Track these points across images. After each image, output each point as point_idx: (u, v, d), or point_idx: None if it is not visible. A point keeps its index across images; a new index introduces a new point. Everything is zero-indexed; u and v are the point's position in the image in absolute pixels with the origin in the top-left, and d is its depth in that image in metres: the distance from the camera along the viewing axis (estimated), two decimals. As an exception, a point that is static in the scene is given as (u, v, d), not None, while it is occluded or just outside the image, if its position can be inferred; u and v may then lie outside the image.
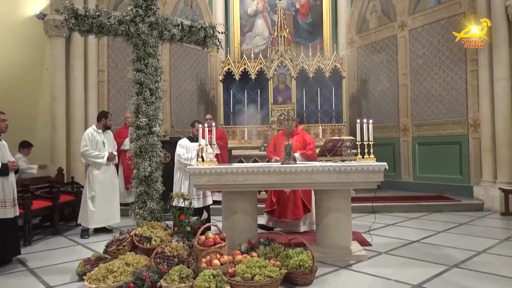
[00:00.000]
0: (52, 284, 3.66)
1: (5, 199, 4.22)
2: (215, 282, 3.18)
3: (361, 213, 6.61)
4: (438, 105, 8.46)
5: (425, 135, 8.76)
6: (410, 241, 4.97)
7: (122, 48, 8.21)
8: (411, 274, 3.70)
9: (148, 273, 3.38)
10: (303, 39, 10.49)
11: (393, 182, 8.97)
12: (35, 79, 7.31)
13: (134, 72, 4.50)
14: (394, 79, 9.37)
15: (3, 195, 4.20)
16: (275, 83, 9.67)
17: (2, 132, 4.39)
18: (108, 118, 5.94)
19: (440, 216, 6.61)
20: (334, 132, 9.30)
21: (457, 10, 8.00)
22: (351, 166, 4.17)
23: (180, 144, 5.67)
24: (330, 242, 4.31)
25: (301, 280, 3.48)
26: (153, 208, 4.49)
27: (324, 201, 4.39)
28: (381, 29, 9.67)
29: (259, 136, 9.31)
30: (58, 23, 7.19)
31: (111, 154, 5.77)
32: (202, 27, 4.95)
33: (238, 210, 4.38)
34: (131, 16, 4.49)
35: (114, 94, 8.55)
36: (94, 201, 5.57)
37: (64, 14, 4.31)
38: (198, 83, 10.35)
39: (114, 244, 4.12)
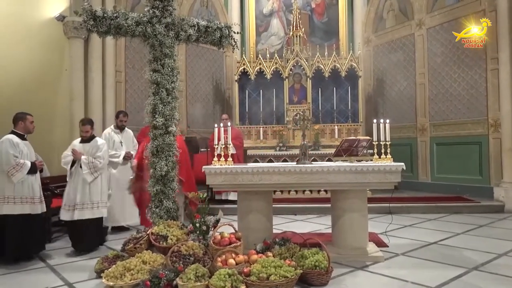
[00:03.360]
0: (71, 281, 3.73)
1: (34, 196, 4.49)
2: (231, 282, 3.19)
3: (377, 214, 6.54)
4: (457, 104, 8.31)
5: (444, 135, 8.61)
6: (428, 243, 4.90)
7: (139, 49, 8.30)
8: (429, 276, 3.64)
9: (164, 272, 3.42)
10: (319, 39, 10.43)
11: (410, 182, 8.85)
12: (54, 80, 7.45)
13: (151, 73, 4.54)
14: (412, 78, 9.24)
15: (32, 192, 4.48)
16: (291, 83, 9.65)
17: (30, 133, 4.69)
18: (119, 118, 5.99)
19: (458, 218, 6.48)
20: (350, 132, 9.22)
21: (476, 7, 7.84)
22: (368, 166, 4.13)
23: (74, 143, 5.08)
24: (346, 243, 4.27)
25: (316, 281, 3.46)
26: (169, 207, 4.53)
27: (340, 201, 4.36)
28: (398, 27, 9.55)
29: (274, 136, 9.30)
30: (77, 25, 7.31)
31: (128, 154, 5.84)
32: (218, 28, 4.96)
33: (253, 210, 4.38)
34: (148, 17, 4.54)
35: (131, 94, 8.66)
36: (110, 200, 5.66)
37: (83, 15, 4.39)
38: (213, 83, 10.41)
39: (131, 242, 4.17)
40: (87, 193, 4.76)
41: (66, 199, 4.80)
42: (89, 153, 4.85)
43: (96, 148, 4.90)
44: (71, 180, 4.82)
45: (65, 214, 4.77)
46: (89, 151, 4.87)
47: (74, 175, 4.81)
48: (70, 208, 4.72)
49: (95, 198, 4.80)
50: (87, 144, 4.92)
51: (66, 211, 4.75)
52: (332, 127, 9.24)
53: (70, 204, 4.74)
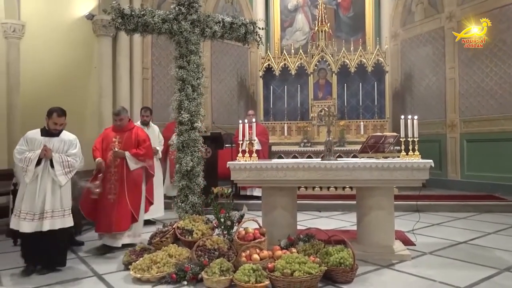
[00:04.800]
0: (100, 272, 3.85)
1: None
2: (255, 277, 3.21)
3: (404, 212, 6.41)
4: (489, 99, 8.02)
5: (475, 132, 8.34)
6: (457, 242, 4.77)
7: (165, 46, 8.42)
8: (458, 276, 3.55)
9: (190, 265, 3.48)
10: (345, 33, 10.26)
11: (439, 180, 8.62)
12: (84, 77, 7.68)
13: (177, 69, 4.61)
14: (441, 73, 8.98)
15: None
16: (315, 79, 9.56)
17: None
18: (141, 113, 6.08)
19: (490, 217, 6.28)
20: (376, 128, 9.05)
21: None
22: (394, 163, 4.06)
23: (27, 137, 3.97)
24: (371, 241, 4.22)
25: (341, 278, 3.44)
26: (194, 202, 4.59)
27: (365, 199, 4.30)
28: (427, 21, 9.28)
29: (299, 132, 9.25)
30: (105, 23, 7.51)
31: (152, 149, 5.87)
32: (242, 24, 4.97)
33: (278, 206, 4.39)
34: (174, 14, 4.60)
35: (158, 90, 8.82)
36: None
37: (111, 14, 4.49)
38: (238, 79, 10.45)
39: (157, 236, 4.26)
40: (58, 198, 3.88)
41: (28, 205, 3.78)
42: (59, 150, 3.96)
43: (69, 144, 4.02)
44: (35, 182, 3.82)
45: (27, 225, 3.74)
46: (59, 147, 3.97)
47: (40, 176, 3.83)
48: (35, 217, 3.75)
49: (66, 204, 3.94)
50: (55, 139, 3.97)
51: (29, 221, 3.74)
52: (358, 123, 9.11)
53: (35, 211, 3.76)
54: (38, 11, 7.23)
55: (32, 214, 3.76)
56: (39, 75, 7.13)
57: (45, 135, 3.94)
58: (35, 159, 3.79)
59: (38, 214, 3.77)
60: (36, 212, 3.76)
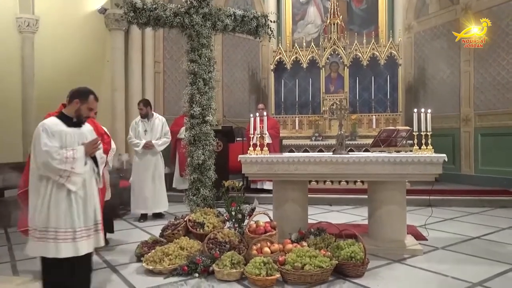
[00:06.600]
0: (113, 264, 3.91)
1: None
2: (266, 270, 3.22)
3: (416, 206, 6.36)
4: (505, 93, 7.86)
5: (490, 126, 8.19)
6: (470, 237, 4.72)
7: (177, 40, 8.44)
8: (471, 272, 3.52)
9: (201, 258, 3.52)
10: (357, 26, 10.14)
11: (452, 175, 8.50)
12: (97, 71, 7.75)
13: (188, 63, 4.63)
14: (456, 66, 8.82)
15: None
16: (327, 72, 9.48)
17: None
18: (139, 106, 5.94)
19: (504, 212, 6.19)
20: (388, 122, 8.96)
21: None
22: (407, 157, 4.02)
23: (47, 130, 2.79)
24: (382, 235, 4.20)
25: (352, 272, 3.43)
26: (206, 195, 4.63)
27: (377, 193, 4.27)
28: (442, 12, 9.11)
29: (310, 126, 9.21)
30: (118, 17, 7.55)
31: (147, 143, 5.77)
32: (254, 17, 4.96)
33: (289, 200, 4.39)
34: (186, 8, 4.61)
35: (169, 84, 8.86)
36: (133, 188, 5.89)
37: (124, 8, 4.52)
38: (249, 73, 10.43)
39: (169, 228, 4.31)
40: (94, 209, 2.90)
41: (69, 221, 2.73)
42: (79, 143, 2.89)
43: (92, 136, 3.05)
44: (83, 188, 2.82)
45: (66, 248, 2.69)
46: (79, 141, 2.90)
47: (88, 180, 2.88)
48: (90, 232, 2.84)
49: (99, 216, 2.96)
50: (85, 130, 3.04)
51: (86, 239, 2.79)
52: (370, 117, 9.03)
53: (89, 225, 2.84)
54: (51, 6, 7.32)
55: (86, 230, 2.81)
56: (52, 68, 7.22)
57: (72, 126, 2.91)
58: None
59: (93, 226, 2.87)
60: (90, 225, 2.84)
